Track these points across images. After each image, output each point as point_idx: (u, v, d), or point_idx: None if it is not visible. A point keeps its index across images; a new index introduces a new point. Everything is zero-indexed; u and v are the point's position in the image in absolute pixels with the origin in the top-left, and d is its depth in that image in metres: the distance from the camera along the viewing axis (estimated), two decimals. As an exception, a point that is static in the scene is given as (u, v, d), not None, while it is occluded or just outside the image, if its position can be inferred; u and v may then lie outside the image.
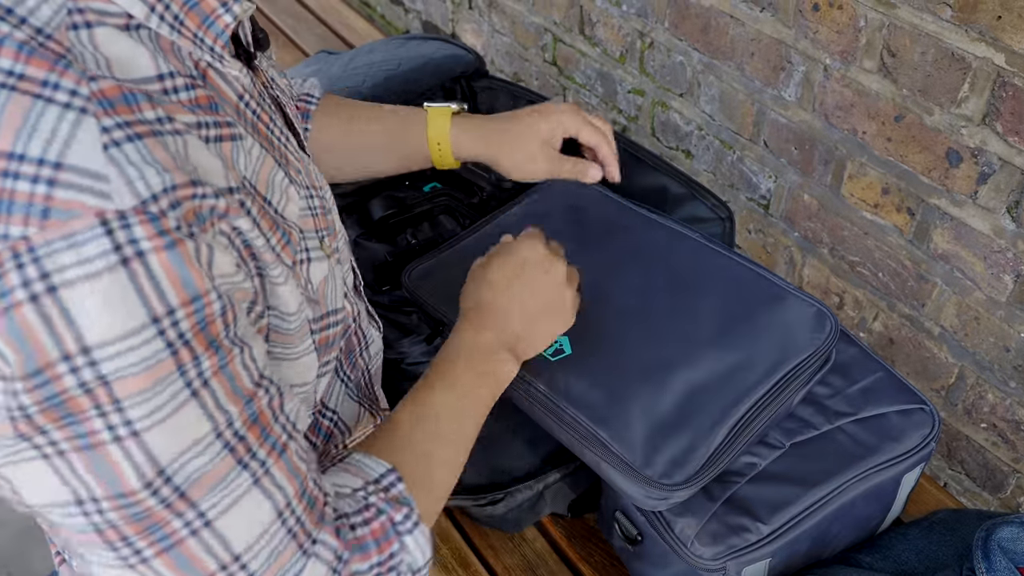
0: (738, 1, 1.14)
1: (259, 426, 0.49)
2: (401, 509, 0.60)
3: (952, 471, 1.17)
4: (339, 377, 0.75)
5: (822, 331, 0.81)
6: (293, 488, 0.52)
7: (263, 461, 0.50)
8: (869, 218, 1.11)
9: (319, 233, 0.61)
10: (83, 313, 0.40)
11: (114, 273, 0.40)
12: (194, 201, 0.44)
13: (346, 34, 1.83)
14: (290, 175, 0.58)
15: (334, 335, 0.63)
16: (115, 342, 0.41)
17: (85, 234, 0.39)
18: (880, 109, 1.03)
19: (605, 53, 1.43)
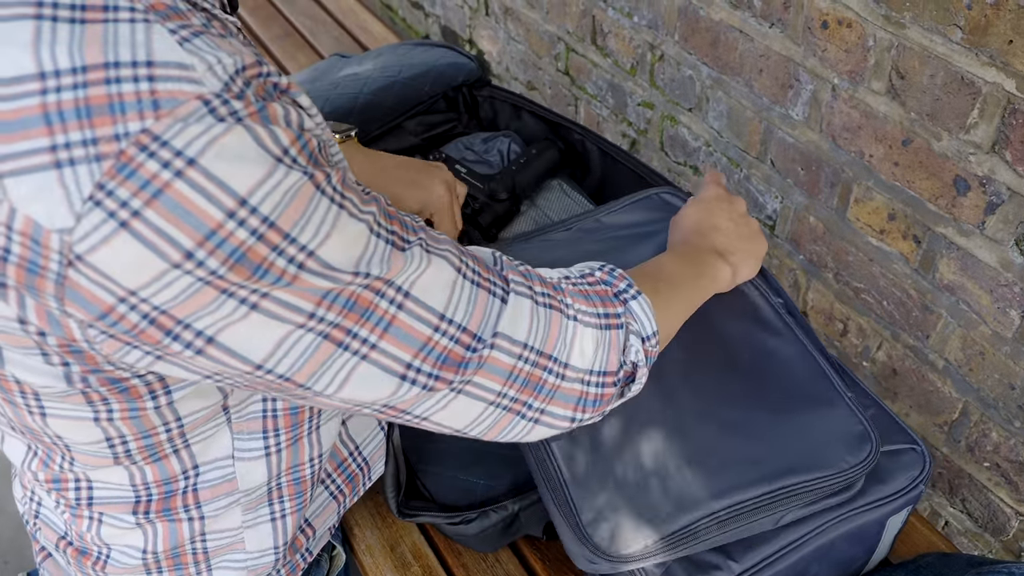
0: (747, 16, 1.11)
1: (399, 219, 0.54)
2: (623, 281, 0.66)
3: (953, 509, 1.13)
4: None
5: (857, 454, 0.73)
6: (454, 250, 0.57)
7: (421, 239, 0.55)
8: (875, 244, 1.07)
9: None
10: (224, 173, 0.43)
11: (233, 132, 0.43)
12: (260, 79, 0.47)
13: (362, 37, 1.82)
14: None
15: None
16: (258, 188, 0.44)
17: (193, 115, 0.43)
18: (888, 132, 0.99)
19: (616, 64, 1.41)
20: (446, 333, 0.55)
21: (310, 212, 0.47)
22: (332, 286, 0.49)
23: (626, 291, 0.66)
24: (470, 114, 1.20)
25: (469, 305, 0.56)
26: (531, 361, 0.60)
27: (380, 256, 0.51)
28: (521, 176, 1.07)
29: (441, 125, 1.18)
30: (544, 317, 0.60)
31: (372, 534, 0.94)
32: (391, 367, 0.54)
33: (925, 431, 1.11)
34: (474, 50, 1.86)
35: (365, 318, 0.51)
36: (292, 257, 0.47)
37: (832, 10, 0.99)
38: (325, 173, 0.48)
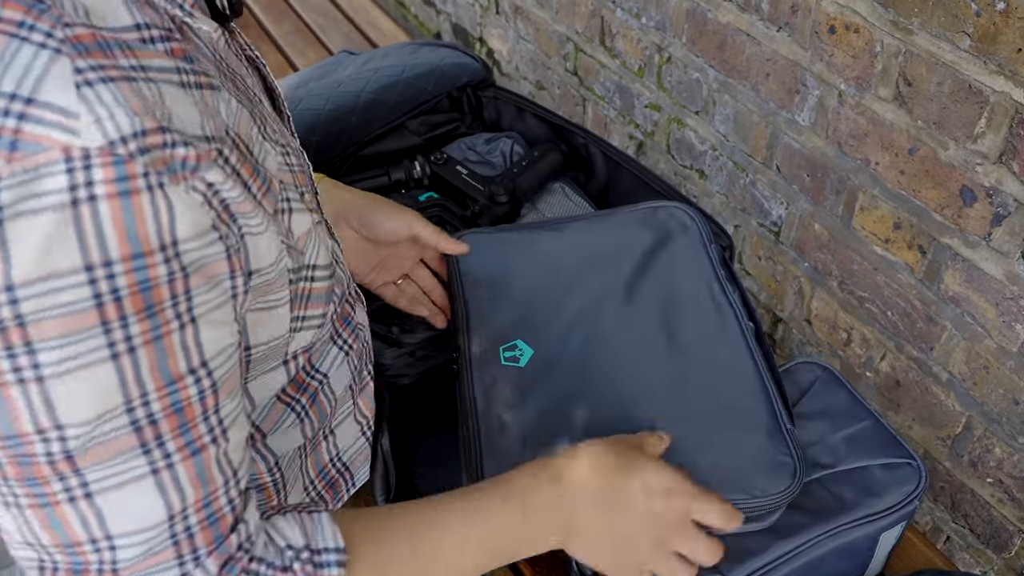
0: (755, 19, 1.10)
1: (180, 417, 0.47)
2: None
3: (956, 524, 1.11)
4: (337, 344, 0.74)
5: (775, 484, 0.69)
6: (196, 496, 0.49)
7: (169, 454, 0.47)
8: (880, 253, 1.05)
9: (299, 189, 0.60)
10: (19, 248, 0.40)
11: (59, 213, 0.40)
12: (164, 150, 0.43)
13: (372, 34, 1.82)
14: (265, 132, 0.57)
15: (310, 290, 0.62)
16: (39, 282, 0.40)
17: (48, 168, 0.39)
18: (894, 140, 0.97)
19: (624, 66, 1.40)
20: (99, 552, 0.47)
21: (73, 339, 0.42)
22: (26, 429, 0.43)
23: None
24: (474, 115, 1.19)
25: (144, 553, 0.48)
26: None
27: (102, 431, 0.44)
28: (522, 179, 1.06)
29: (444, 125, 1.17)
30: None
31: (362, 536, 0.93)
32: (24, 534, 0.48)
33: (928, 444, 1.09)
34: (484, 49, 1.85)
35: (28, 484, 0.45)
36: (19, 367, 0.42)
37: (840, 15, 0.97)
38: (123, 315, 0.42)
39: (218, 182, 0.47)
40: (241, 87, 0.57)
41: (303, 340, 0.65)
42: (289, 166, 0.60)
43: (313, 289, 0.63)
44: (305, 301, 0.62)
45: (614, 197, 1.09)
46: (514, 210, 1.05)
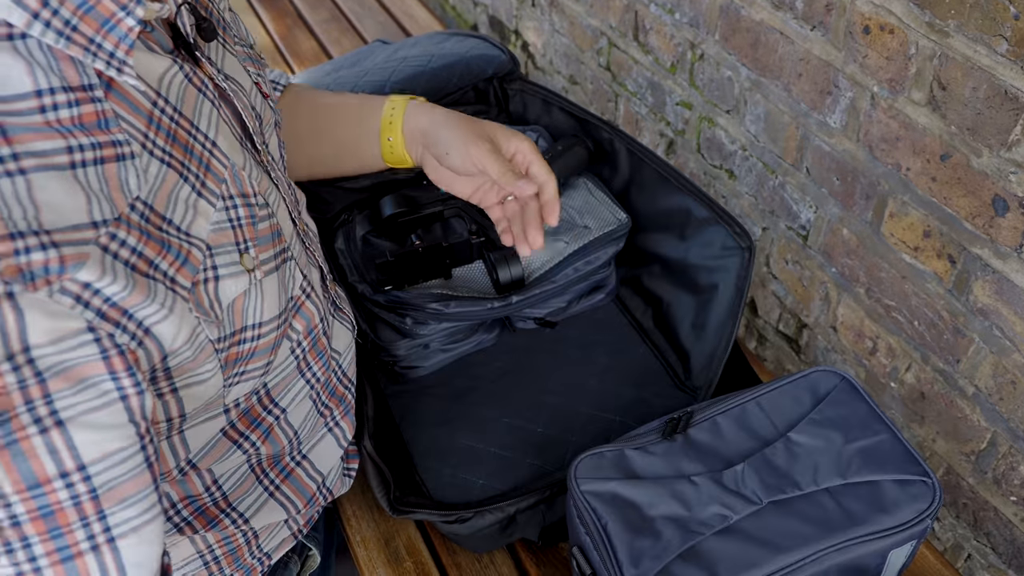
0: (788, 17, 1.07)
1: (50, 522, 0.44)
2: None
3: (978, 542, 1.08)
4: (304, 377, 0.73)
5: None
6: None
7: (35, 557, 0.45)
8: (908, 261, 1.03)
9: (240, 246, 0.57)
10: None
11: None
12: (16, 258, 0.40)
13: (407, 23, 1.82)
14: (207, 187, 0.54)
15: (249, 350, 0.60)
16: None
17: None
18: (926, 145, 0.94)
19: (657, 62, 1.38)
20: None
21: None
22: None
23: None
24: (500, 107, 1.19)
25: None
26: None
27: None
28: None
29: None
30: None
31: (368, 526, 0.94)
32: None
33: (951, 459, 1.06)
34: (520, 41, 1.84)
35: None
36: None
37: (875, 15, 0.95)
38: None
39: (94, 280, 0.44)
40: (185, 137, 0.53)
41: (243, 390, 0.62)
42: (232, 221, 0.56)
43: (257, 347, 0.60)
44: (245, 360, 0.60)
45: (636, 193, 1.08)
46: None
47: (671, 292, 1.05)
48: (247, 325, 0.58)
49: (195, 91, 0.56)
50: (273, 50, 1.77)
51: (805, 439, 0.81)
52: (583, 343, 1.07)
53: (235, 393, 0.62)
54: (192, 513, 0.67)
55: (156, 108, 0.52)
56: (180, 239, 0.51)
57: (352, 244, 1.05)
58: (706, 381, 0.98)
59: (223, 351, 0.56)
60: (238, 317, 0.57)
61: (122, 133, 0.48)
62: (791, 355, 1.31)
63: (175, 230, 0.51)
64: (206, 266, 0.54)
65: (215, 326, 0.54)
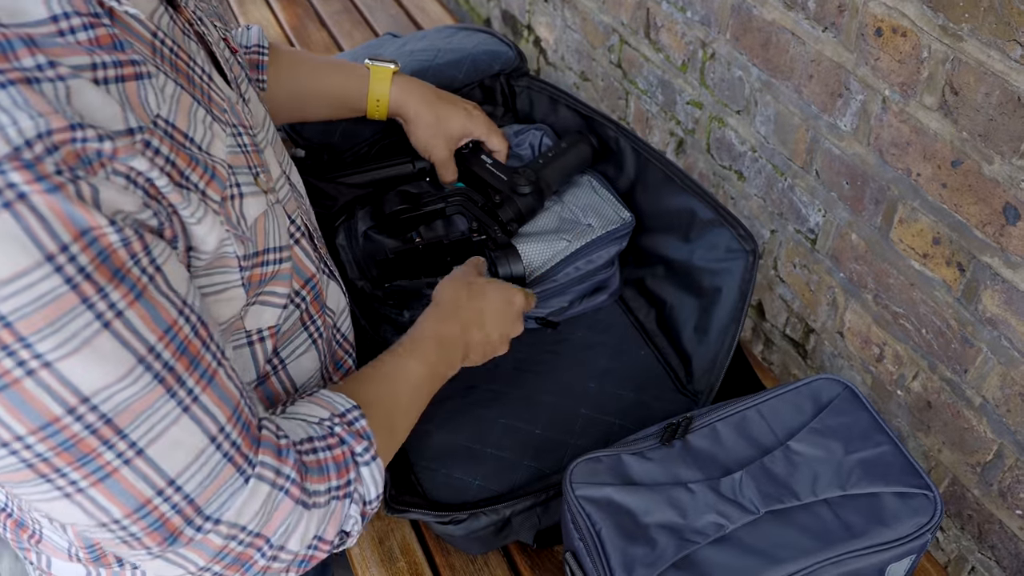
0: (800, 18, 1.05)
1: (188, 355, 0.50)
2: (361, 441, 0.64)
3: (982, 555, 1.06)
4: (308, 330, 0.74)
5: None
6: (225, 414, 0.53)
7: (191, 389, 0.50)
8: (917, 268, 1.01)
9: (252, 169, 0.60)
10: None
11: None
12: (74, 145, 0.43)
13: (419, 17, 1.81)
14: (213, 112, 0.57)
15: (272, 272, 0.62)
16: (10, 282, 0.41)
17: None
18: (937, 151, 0.93)
19: (668, 60, 1.36)
20: (168, 500, 0.51)
21: (62, 323, 0.43)
22: (56, 413, 0.44)
23: (361, 455, 0.64)
24: (506, 105, 1.17)
25: (208, 479, 0.52)
26: (244, 543, 0.55)
27: (129, 393, 0.46)
28: (547, 171, 1.04)
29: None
30: (276, 503, 0.56)
31: (362, 525, 0.93)
32: (95, 514, 0.49)
33: (956, 470, 1.05)
34: (532, 36, 1.82)
35: (81, 464, 0.47)
36: (22, 360, 0.43)
37: (887, 17, 0.93)
38: (99, 286, 0.44)
39: (144, 170, 0.47)
40: (185, 67, 0.56)
41: (264, 317, 0.64)
42: (241, 147, 0.59)
43: (280, 271, 0.63)
44: (268, 282, 0.62)
45: (641, 192, 1.07)
46: (538, 202, 1.03)
47: (674, 294, 1.03)
48: (269, 247, 0.61)
49: (180, 32, 0.59)
50: (284, 41, 1.76)
51: (805, 448, 0.79)
52: (585, 344, 1.05)
53: (255, 316, 0.64)
54: None
55: (156, 39, 0.54)
56: (204, 156, 0.54)
57: (354, 240, 1.04)
58: (707, 386, 0.97)
59: (247, 269, 0.59)
60: (261, 237, 0.60)
61: (137, 54, 0.50)
62: (798, 360, 1.29)
63: (197, 148, 0.53)
64: (232, 183, 0.57)
65: (241, 242, 0.57)
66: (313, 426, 0.63)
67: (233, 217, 0.56)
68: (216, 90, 0.60)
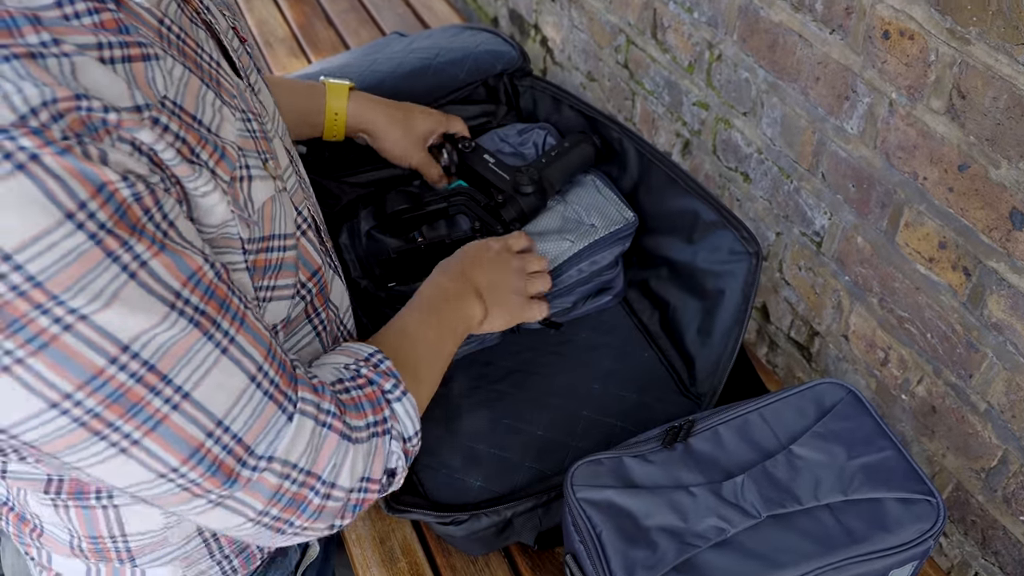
0: (808, 20, 1.05)
1: (216, 299, 0.51)
2: (389, 379, 0.67)
3: (985, 561, 1.05)
4: (312, 323, 0.74)
5: None
6: (261, 353, 0.54)
7: (227, 331, 0.52)
8: (923, 272, 1.00)
9: (261, 155, 0.61)
10: None
11: (14, 178, 0.41)
12: (79, 112, 0.44)
13: (427, 16, 1.81)
14: (223, 97, 0.58)
15: (277, 260, 0.63)
16: (35, 243, 0.42)
17: None
18: (944, 155, 0.92)
19: (674, 61, 1.36)
20: (219, 441, 0.52)
21: (91, 278, 0.44)
22: (100, 365, 0.45)
23: (391, 391, 0.66)
24: (510, 104, 1.17)
25: (252, 417, 0.53)
26: (298, 481, 0.57)
27: (166, 338, 0.47)
28: (550, 170, 1.04)
29: (477, 117, 1.14)
30: (321, 438, 0.58)
31: (364, 524, 0.93)
32: (153, 466, 0.50)
33: (961, 475, 1.04)
34: (539, 36, 1.82)
35: (132, 414, 0.48)
36: (58, 318, 0.44)
37: (895, 20, 0.92)
38: (122, 240, 0.45)
39: (149, 142, 0.48)
40: (193, 53, 0.57)
41: (277, 312, 0.65)
42: (251, 132, 0.60)
43: (285, 259, 0.63)
44: (275, 270, 0.63)
45: (645, 193, 1.07)
46: (541, 201, 1.03)
47: (678, 296, 1.03)
48: (275, 233, 0.62)
49: (187, 20, 0.59)
50: (291, 40, 1.76)
51: (808, 452, 0.79)
52: (588, 345, 1.05)
53: (270, 313, 0.64)
54: None
55: (163, 25, 0.55)
56: (213, 137, 0.55)
57: (356, 239, 1.04)
58: (710, 388, 0.97)
59: (252, 253, 0.59)
60: (267, 222, 0.61)
61: (143, 37, 0.51)
62: (802, 363, 1.29)
63: (206, 130, 0.54)
64: (241, 164, 0.57)
65: (247, 225, 0.58)
66: (341, 370, 0.66)
67: (241, 199, 0.57)
68: (225, 76, 0.61)
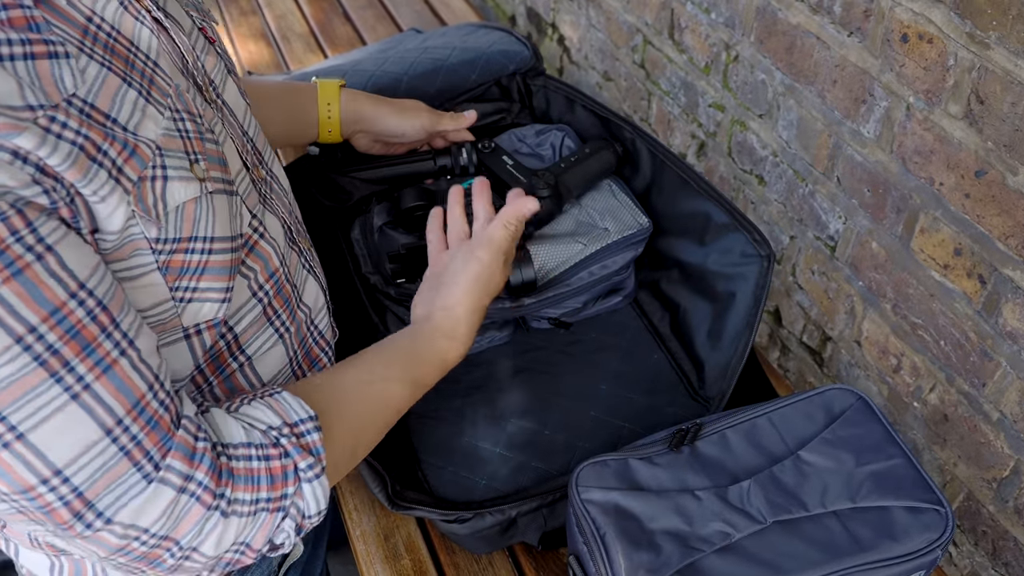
0: (826, 22, 1.04)
1: (80, 340, 0.49)
2: (307, 457, 0.62)
3: (995, 572, 1.04)
4: (272, 325, 0.73)
5: None
6: (124, 406, 0.51)
7: (81, 376, 0.49)
8: (937, 279, 0.99)
9: (190, 156, 0.59)
10: None
11: None
12: None
13: (444, 13, 1.80)
14: (152, 96, 0.57)
15: (199, 262, 0.60)
16: None
17: None
18: (961, 160, 0.91)
19: (691, 61, 1.35)
20: (55, 490, 0.49)
21: None
22: None
23: (306, 471, 0.62)
24: (523, 103, 1.17)
25: (98, 472, 0.50)
26: (148, 544, 0.54)
27: (6, 373, 0.46)
28: (567, 176, 1.03)
29: (491, 115, 1.14)
30: (183, 508, 0.54)
31: (368, 520, 0.93)
32: None
33: (972, 485, 1.03)
34: (556, 35, 1.81)
35: None
36: None
37: (914, 23, 0.91)
38: None
39: (31, 148, 0.47)
40: (124, 51, 0.56)
41: (202, 312, 0.63)
42: (181, 132, 0.59)
43: (209, 262, 0.61)
44: (195, 273, 0.61)
45: (657, 194, 1.06)
46: (556, 206, 1.02)
47: (688, 298, 1.02)
48: (197, 236, 0.60)
49: (131, 18, 0.58)
50: (308, 35, 1.77)
51: (816, 458, 0.78)
52: (597, 346, 1.05)
53: (192, 313, 0.62)
54: None
55: (91, 23, 0.54)
56: (127, 135, 0.54)
57: (368, 235, 1.04)
58: (720, 392, 0.96)
59: (163, 253, 0.57)
60: (188, 224, 0.59)
61: (55, 35, 0.51)
62: (814, 368, 1.28)
63: (121, 129, 0.53)
64: (155, 164, 0.56)
65: (154, 225, 0.56)
66: (256, 432, 0.61)
67: (149, 199, 0.55)
68: (161, 76, 0.59)
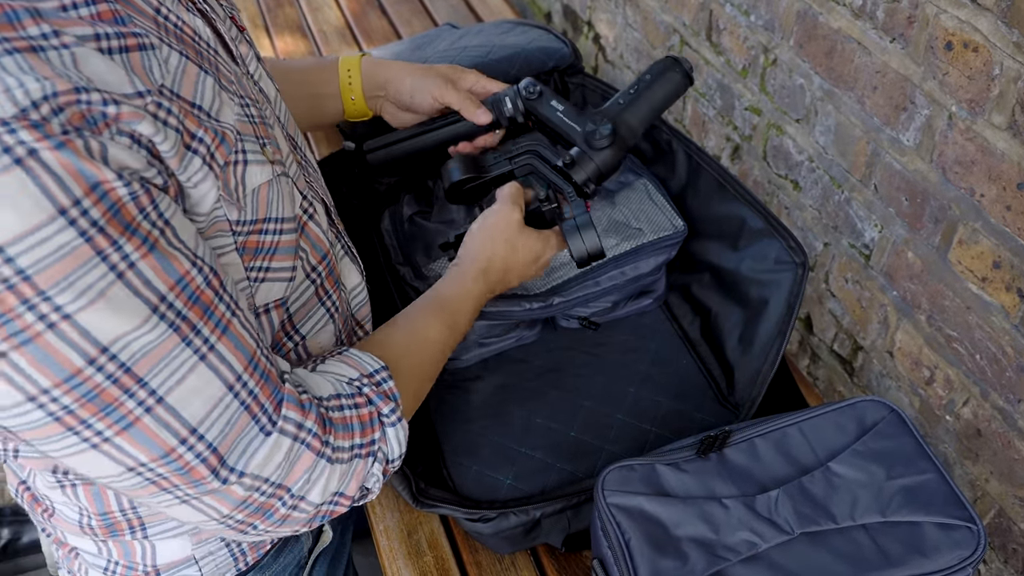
0: (868, 27, 1.02)
1: (200, 305, 0.51)
2: (388, 403, 0.66)
3: (1025, 591, 1.03)
4: (324, 306, 0.75)
5: None
6: (241, 362, 0.54)
7: (207, 338, 0.52)
8: (974, 291, 0.98)
9: (259, 140, 0.61)
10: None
11: (10, 173, 0.42)
12: (79, 106, 0.45)
13: (480, 8, 1.80)
14: (221, 83, 0.59)
15: (271, 243, 0.63)
16: (26, 237, 0.43)
17: None
18: (1003, 172, 0.89)
19: (728, 64, 1.34)
20: (192, 448, 0.52)
21: (78, 275, 0.45)
22: (78, 365, 0.46)
23: (388, 416, 0.66)
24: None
25: (228, 426, 0.54)
26: (267, 493, 0.58)
27: (145, 342, 0.48)
28: (628, 114, 0.89)
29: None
30: (296, 455, 0.58)
31: (392, 516, 0.93)
32: (122, 461, 0.51)
33: (1003, 501, 1.01)
34: (592, 33, 1.81)
35: (104, 413, 0.49)
36: (43, 314, 0.44)
37: (959, 30, 0.90)
38: (112, 239, 0.46)
39: (148, 134, 0.48)
40: (191, 41, 0.58)
41: (272, 292, 0.65)
42: (249, 117, 0.60)
43: (280, 242, 0.64)
44: (268, 253, 0.63)
45: (692, 197, 1.05)
46: (619, 154, 0.89)
47: (720, 303, 1.02)
48: (270, 217, 0.62)
49: (184, 8, 0.60)
50: (344, 28, 1.77)
51: (846, 470, 0.77)
52: (626, 348, 1.04)
53: (263, 293, 0.64)
54: None
55: (159, 15, 0.56)
56: (212, 123, 0.55)
57: (399, 225, 1.04)
58: (749, 399, 0.95)
59: (242, 234, 0.59)
60: (263, 206, 0.61)
61: (138, 27, 0.52)
62: (844, 377, 1.26)
63: (205, 115, 0.55)
64: (238, 148, 0.58)
65: (235, 208, 0.58)
66: (343, 384, 0.65)
67: (232, 183, 0.57)
68: (223, 63, 0.62)
